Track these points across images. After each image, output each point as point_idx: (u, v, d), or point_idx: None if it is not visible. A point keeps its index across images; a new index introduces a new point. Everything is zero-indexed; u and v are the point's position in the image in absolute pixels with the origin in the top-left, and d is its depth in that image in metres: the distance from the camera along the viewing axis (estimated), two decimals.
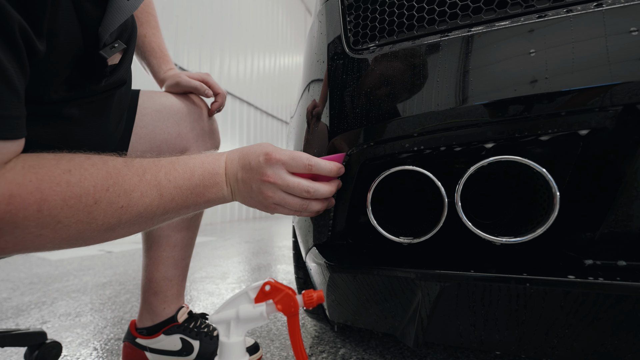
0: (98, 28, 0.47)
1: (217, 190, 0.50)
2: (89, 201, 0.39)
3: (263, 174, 0.49)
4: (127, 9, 0.49)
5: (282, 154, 0.50)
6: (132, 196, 0.42)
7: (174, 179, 0.47)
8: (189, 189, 0.48)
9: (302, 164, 0.50)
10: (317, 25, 0.65)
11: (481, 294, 0.46)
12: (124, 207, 0.42)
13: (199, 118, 0.81)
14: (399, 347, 0.92)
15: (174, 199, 0.46)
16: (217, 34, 7.31)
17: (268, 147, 0.51)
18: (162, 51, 0.85)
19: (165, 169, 0.46)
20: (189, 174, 0.48)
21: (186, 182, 0.47)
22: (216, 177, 0.50)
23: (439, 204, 0.50)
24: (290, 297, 0.41)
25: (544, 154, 0.47)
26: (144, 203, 0.43)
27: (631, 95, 0.38)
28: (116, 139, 0.66)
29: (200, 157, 0.51)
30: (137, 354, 0.83)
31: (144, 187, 0.44)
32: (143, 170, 0.44)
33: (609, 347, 0.44)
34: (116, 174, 0.42)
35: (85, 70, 0.48)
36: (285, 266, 2.21)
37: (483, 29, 0.45)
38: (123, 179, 0.42)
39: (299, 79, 0.81)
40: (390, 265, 0.51)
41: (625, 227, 0.42)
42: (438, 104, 0.45)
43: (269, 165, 0.49)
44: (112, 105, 0.60)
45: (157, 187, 0.45)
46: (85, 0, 0.44)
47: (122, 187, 0.42)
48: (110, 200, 0.40)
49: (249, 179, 0.50)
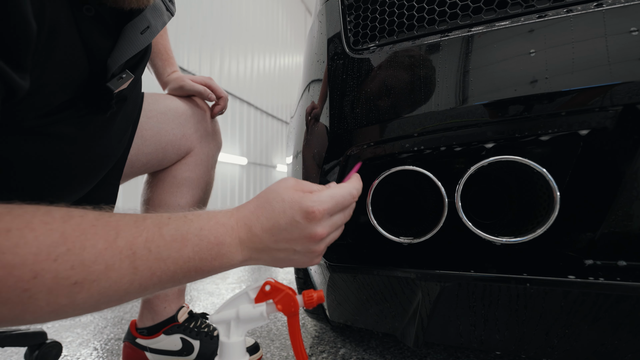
0: (107, 59, 0.44)
1: (223, 263, 0.40)
2: (24, 275, 0.28)
3: (312, 234, 0.40)
4: (139, 43, 0.46)
5: (325, 205, 0.40)
6: (91, 269, 0.31)
7: (157, 249, 0.35)
8: (177, 263, 0.36)
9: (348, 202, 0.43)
10: (317, 25, 0.65)
11: (481, 294, 0.46)
12: (78, 284, 0.31)
13: (202, 120, 0.83)
14: (399, 347, 0.92)
15: (155, 273, 0.35)
16: (217, 34, 7.31)
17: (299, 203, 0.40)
18: (167, 53, 0.86)
19: (148, 233, 0.35)
20: (180, 244, 0.37)
21: (174, 254, 0.36)
22: (221, 247, 0.39)
23: (439, 204, 0.50)
24: (291, 297, 0.41)
25: (544, 154, 0.47)
26: (108, 278, 0.32)
27: (631, 95, 0.38)
28: (118, 154, 0.61)
29: (199, 219, 0.40)
30: (137, 354, 0.83)
31: (112, 257, 0.32)
32: (116, 232, 0.34)
33: (609, 347, 0.44)
34: (75, 237, 0.31)
35: (90, 101, 0.45)
36: None
37: (483, 29, 0.45)
38: (82, 245, 0.31)
39: (299, 79, 0.81)
40: (391, 265, 0.51)
41: (625, 227, 0.42)
42: (438, 104, 0.45)
43: (315, 223, 0.40)
44: (116, 122, 0.54)
45: (130, 258, 0.34)
46: (95, 31, 0.42)
47: (79, 256, 0.31)
48: (57, 274, 0.30)
49: (287, 241, 0.41)
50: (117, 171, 0.62)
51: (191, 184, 0.81)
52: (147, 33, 0.47)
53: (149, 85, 0.65)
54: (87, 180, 0.54)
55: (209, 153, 0.84)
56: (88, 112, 0.45)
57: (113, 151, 0.57)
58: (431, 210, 0.54)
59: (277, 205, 0.41)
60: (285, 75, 11.12)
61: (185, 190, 0.80)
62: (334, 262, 0.55)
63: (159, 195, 0.79)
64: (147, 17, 0.47)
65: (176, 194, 0.79)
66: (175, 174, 0.80)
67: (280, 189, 0.42)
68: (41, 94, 0.39)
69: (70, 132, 0.45)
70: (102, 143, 0.53)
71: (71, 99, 0.43)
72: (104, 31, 0.43)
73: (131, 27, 0.45)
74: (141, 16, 0.46)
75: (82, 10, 0.40)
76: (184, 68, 6.29)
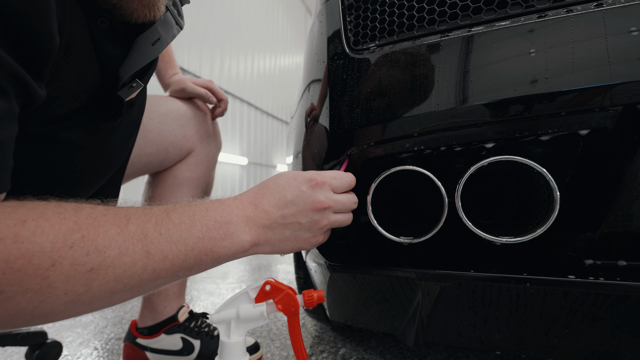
0: (119, 69, 0.45)
1: (232, 243, 0.40)
2: (43, 262, 0.29)
3: (315, 202, 0.43)
4: (149, 54, 0.47)
5: (326, 175, 0.45)
6: (106, 255, 0.32)
7: (167, 232, 0.36)
8: (187, 244, 0.37)
9: (347, 182, 0.47)
10: (317, 26, 0.65)
11: (481, 294, 0.46)
12: (94, 270, 0.31)
13: (203, 121, 0.84)
14: (399, 347, 0.92)
15: (167, 257, 0.36)
16: (217, 34, 7.31)
17: (302, 174, 0.45)
18: (169, 56, 0.87)
19: (156, 218, 0.36)
20: (187, 225, 0.38)
21: (183, 235, 0.37)
22: (228, 226, 0.40)
23: (439, 204, 0.50)
24: (291, 296, 0.41)
25: (544, 154, 0.47)
26: (123, 263, 0.33)
27: (631, 95, 0.38)
28: (123, 158, 0.61)
29: (204, 203, 0.42)
30: (138, 354, 0.83)
31: (124, 242, 0.33)
32: (127, 219, 0.35)
33: (609, 347, 0.45)
34: (88, 224, 0.32)
35: (101, 109, 0.46)
36: (285, 266, 2.22)
37: (483, 29, 0.45)
38: (96, 232, 0.32)
39: (299, 79, 0.81)
40: (391, 265, 0.51)
41: (625, 227, 0.42)
42: (438, 103, 0.46)
43: (318, 190, 0.44)
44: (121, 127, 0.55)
45: (142, 242, 0.34)
46: (108, 42, 0.43)
47: (94, 242, 0.31)
48: (73, 260, 0.30)
49: (293, 214, 0.43)
50: (119, 172, 0.62)
51: (192, 184, 0.81)
52: (157, 45, 0.48)
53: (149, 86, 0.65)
54: (91, 183, 0.55)
55: (209, 153, 0.85)
56: (97, 119, 0.46)
57: (118, 155, 0.58)
58: (431, 210, 0.54)
59: (281, 181, 0.44)
60: (286, 75, 11.12)
61: (186, 190, 0.80)
62: (334, 262, 0.56)
63: (159, 195, 0.80)
64: (158, 29, 0.48)
65: (177, 194, 0.79)
66: (176, 173, 0.80)
67: (281, 173, 0.46)
68: (54, 103, 0.39)
69: (77, 138, 0.46)
70: (108, 148, 0.53)
71: (82, 106, 0.44)
72: (117, 42, 0.44)
73: (143, 39, 0.46)
74: (152, 29, 0.47)
75: (97, 23, 0.41)
76: (184, 68, 6.29)
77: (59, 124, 0.43)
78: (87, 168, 0.51)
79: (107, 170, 0.57)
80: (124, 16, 0.43)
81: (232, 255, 0.42)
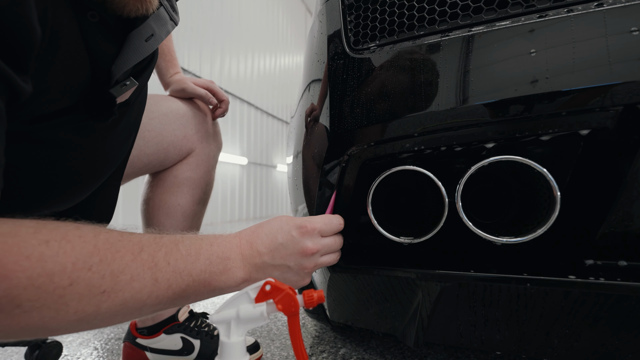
0: (111, 65, 0.44)
1: (228, 278, 0.43)
2: (62, 282, 0.30)
3: (304, 248, 0.46)
4: (143, 50, 0.46)
5: (316, 222, 0.47)
6: (119, 279, 0.34)
7: (174, 262, 0.39)
8: (191, 276, 0.40)
9: (336, 226, 0.50)
10: (317, 25, 0.65)
11: (482, 294, 0.46)
12: (106, 292, 0.33)
13: (203, 121, 0.84)
14: (399, 347, 0.92)
15: (171, 286, 0.38)
16: (217, 34, 7.31)
17: (294, 220, 0.47)
18: (171, 54, 0.87)
19: (166, 248, 0.39)
20: (194, 257, 0.41)
21: (188, 267, 0.40)
22: (227, 262, 0.43)
23: (439, 204, 0.50)
24: (291, 296, 0.41)
25: (545, 154, 0.47)
26: (132, 289, 0.35)
27: (632, 95, 0.38)
28: (120, 160, 0.60)
29: (208, 237, 0.45)
30: (138, 354, 0.83)
31: (137, 269, 0.35)
32: (140, 247, 0.37)
33: (610, 347, 0.44)
34: (105, 249, 0.34)
35: (91, 106, 0.45)
36: None
37: (484, 29, 0.45)
38: (113, 257, 0.34)
39: (299, 79, 0.81)
40: (391, 265, 0.51)
41: (625, 227, 0.42)
42: (438, 103, 0.45)
43: (307, 237, 0.46)
44: (119, 128, 0.54)
45: (152, 269, 0.37)
46: (99, 37, 0.42)
47: (110, 266, 0.34)
48: (90, 282, 0.32)
49: (282, 257, 0.46)
50: (118, 172, 0.62)
51: (192, 184, 0.81)
52: (151, 41, 0.47)
53: (150, 85, 0.65)
54: (88, 183, 0.54)
55: (209, 154, 0.85)
56: (88, 117, 0.45)
57: (116, 155, 0.57)
58: (431, 210, 0.54)
59: (275, 224, 0.48)
60: (286, 75, 11.12)
61: (186, 190, 0.80)
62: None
63: (159, 195, 0.79)
64: (151, 25, 0.47)
65: (177, 194, 0.79)
66: (176, 173, 0.80)
67: (277, 217, 0.49)
68: (42, 98, 0.38)
69: (69, 138, 0.45)
70: (105, 148, 0.53)
71: (73, 104, 0.43)
72: (109, 37, 0.43)
73: (136, 35, 0.46)
74: (145, 24, 0.46)
75: (87, 16, 0.40)
76: (184, 68, 6.28)
77: (48, 122, 0.41)
78: (84, 168, 0.50)
79: (105, 171, 0.56)
80: (116, 10, 0.42)
81: (225, 289, 0.44)
